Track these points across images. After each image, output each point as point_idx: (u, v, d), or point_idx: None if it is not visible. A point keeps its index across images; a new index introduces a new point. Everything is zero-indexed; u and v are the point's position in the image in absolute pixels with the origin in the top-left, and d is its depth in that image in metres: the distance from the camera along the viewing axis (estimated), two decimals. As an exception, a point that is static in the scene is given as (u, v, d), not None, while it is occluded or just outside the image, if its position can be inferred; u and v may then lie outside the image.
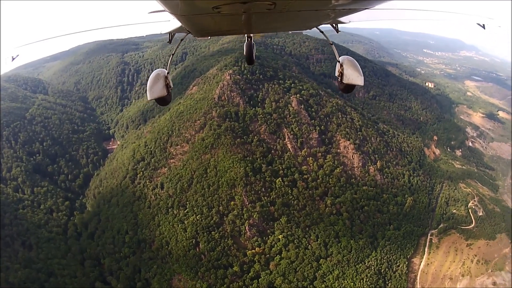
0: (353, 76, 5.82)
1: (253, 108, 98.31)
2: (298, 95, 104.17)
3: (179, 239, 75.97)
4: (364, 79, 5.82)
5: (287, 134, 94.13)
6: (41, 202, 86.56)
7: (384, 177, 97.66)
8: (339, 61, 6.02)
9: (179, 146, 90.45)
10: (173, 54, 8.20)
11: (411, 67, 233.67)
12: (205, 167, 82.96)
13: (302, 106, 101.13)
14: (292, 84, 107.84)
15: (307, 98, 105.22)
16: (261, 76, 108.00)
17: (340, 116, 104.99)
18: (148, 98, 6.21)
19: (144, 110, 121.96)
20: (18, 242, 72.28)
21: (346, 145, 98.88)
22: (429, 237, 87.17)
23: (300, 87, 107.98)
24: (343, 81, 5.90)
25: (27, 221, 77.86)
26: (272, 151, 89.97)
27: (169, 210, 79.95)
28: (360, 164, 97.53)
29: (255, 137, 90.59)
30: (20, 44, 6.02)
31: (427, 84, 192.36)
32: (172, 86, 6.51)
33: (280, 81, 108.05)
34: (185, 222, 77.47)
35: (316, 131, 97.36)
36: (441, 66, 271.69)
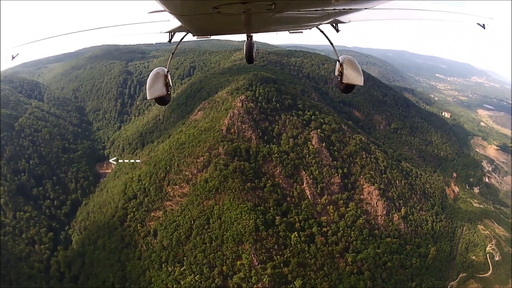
0: (353, 76, 5.59)
1: (267, 145, 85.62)
2: (319, 130, 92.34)
3: (174, 302, 63.57)
4: (364, 79, 5.53)
5: (306, 178, 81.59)
6: (23, 229, 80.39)
7: (408, 225, 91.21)
8: (339, 61, 5.81)
9: (177, 186, 77.54)
10: (173, 53, 7.41)
11: (425, 93, 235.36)
12: (207, 217, 70.03)
13: (324, 144, 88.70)
14: (313, 116, 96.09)
15: (329, 134, 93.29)
16: (278, 104, 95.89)
17: (364, 156, 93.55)
18: (148, 98, 5.75)
19: (143, 132, 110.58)
20: (-2, 276, 67.50)
21: (371, 191, 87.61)
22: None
23: (321, 120, 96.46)
24: (343, 81, 5.70)
25: (8, 251, 73.02)
26: (288, 198, 77.28)
27: (163, 265, 67.24)
28: (384, 212, 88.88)
29: (269, 181, 77.73)
30: (20, 43, 5.75)
31: (443, 113, 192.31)
32: (171, 85, 5.99)
33: (299, 111, 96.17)
34: (181, 282, 65.14)
35: (338, 175, 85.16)
36: (453, 93, 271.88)
